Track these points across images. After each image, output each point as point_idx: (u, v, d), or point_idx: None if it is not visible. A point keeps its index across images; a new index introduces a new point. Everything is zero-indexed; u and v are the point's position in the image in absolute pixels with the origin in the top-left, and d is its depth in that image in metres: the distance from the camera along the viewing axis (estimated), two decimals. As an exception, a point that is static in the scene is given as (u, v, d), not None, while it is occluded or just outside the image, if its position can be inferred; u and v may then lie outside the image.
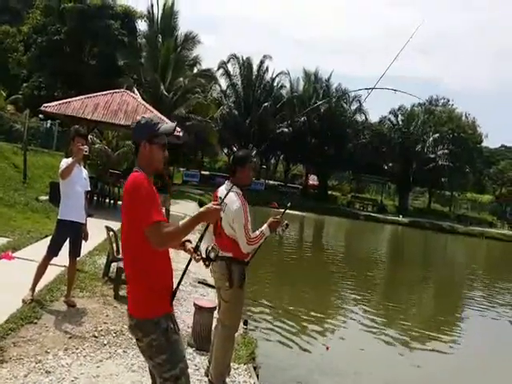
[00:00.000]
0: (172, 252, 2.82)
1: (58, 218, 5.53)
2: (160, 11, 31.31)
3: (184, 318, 5.85)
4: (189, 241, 2.85)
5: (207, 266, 2.98)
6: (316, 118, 40.78)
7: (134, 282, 2.66)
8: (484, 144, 50.82)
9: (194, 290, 7.45)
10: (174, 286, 2.71)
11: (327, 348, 6.76)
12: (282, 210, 4.32)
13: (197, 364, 4.65)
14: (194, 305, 5.28)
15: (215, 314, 4.79)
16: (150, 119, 2.69)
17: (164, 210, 10.38)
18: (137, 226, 2.48)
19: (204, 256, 2.87)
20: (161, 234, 2.43)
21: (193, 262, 2.84)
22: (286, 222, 4.14)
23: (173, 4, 31.29)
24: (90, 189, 5.96)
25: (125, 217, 2.57)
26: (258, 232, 3.99)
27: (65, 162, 5.42)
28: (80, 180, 5.57)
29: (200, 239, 2.84)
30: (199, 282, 7.88)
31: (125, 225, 2.59)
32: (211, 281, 6.99)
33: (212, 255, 2.87)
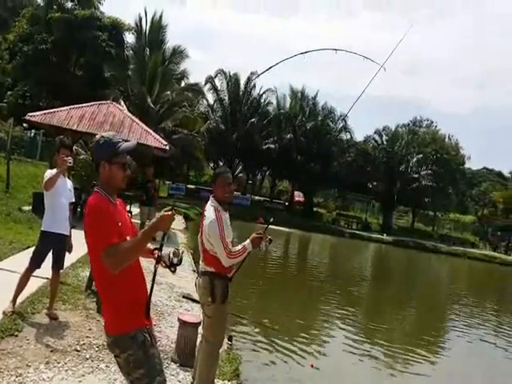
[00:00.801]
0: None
1: (42, 229, 5.45)
2: (148, 24, 31.46)
3: (168, 332, 5.77)
4: (158, 248, 2.79)
5: (173, 272, 2.95)
6: (302, 135, 41.06)
7: (104, 299, 2.65)
8: (467, 165, 51.67)
9: (179, 304, 7.37)
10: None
11: (311, 365, 6.74)
12: (266, 226, 4.33)
13: (180, 380, 4.58)
14: (179, 320, 5.22)
15: (200, 329, 4.74)
16: (109, 138, 2.63)
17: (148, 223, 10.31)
18: (94, 250, 2.48)
19: (168, 262, 2.83)
20: (113, 257, 2.38)
21: (178, 276, 2.81)
22: (269, 237, 4.14)
23: (161, 17, 31.48)
24: (74, 200, 5.90)
25: (87, 240, 2.54)
26: (240, 246, 3.98)
27: (49, 172, 5.35)
28: (65, 191, 5.51)
29: (160, 249, 2.77)
30: (184, 297, 7.80)
31: (89, 247, 2.57)
32: (196, 296, 6.93)
33: (175, 260, 2.84)
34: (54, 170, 5.31)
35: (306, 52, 5.15)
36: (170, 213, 2.48)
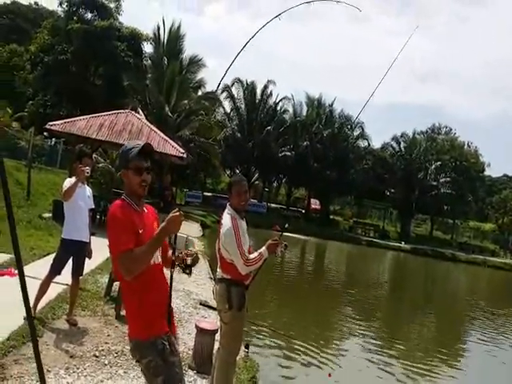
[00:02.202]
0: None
1: (62, 237, 5.53)
2: (166, 34, 31.84)
3: (185, 339, 5.80)
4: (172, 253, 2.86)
5: (189, 275, 3.01)
6: (319, 143, 41.00)
7: (127, 304, 2.70)
8: (486, 173, 51.10)
9: (196, 311, 7.40)
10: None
11: (329, 375, 6.68)
12: (280, 233, 4.36)
13: (198, 387, 4.59)
14: (196, 327, 5.24)
15: (217, 336, 4.75)
16: (125, 146, 2.71)
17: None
18: (114, 255, 2.54)
19: (183, 265, 2.89)
20: (125, 264, 2.43)
21: (195, 283, 2.85)
22: (284, 243, 4.17)
23: (179, 27, 31.86)
24: (94, 206, 5.97)
25: (109, 245, 2.61)
26: (256, 254, 4.00)
27: (67, 182, 5.44)
28: (84, 199, 5.59)
29: (172, 252, 2.83)
30: (201, 304, 7.83)
31: (110, 252, 2.62)
32: (213, 303, 6.95)
33: (189, 261, 2.89)
34: (73, 179, 5.40)
35: (309, 1, 5.14)
36: (177, 213, 2.51)
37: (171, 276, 2.74)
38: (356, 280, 19.56)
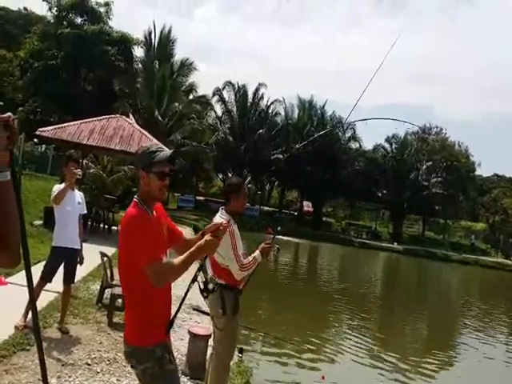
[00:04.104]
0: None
1: (53, 244, 5.50)
2: (157, 38, 31.84)
3: (178, 345, 5.77)
4: (198, 269, 2.86)
5: (205, 298, 2.99)
6: (310, 145, 41.04)
7: (130, 309, 2.67)
8: (477, 172, 51.34)
9: (189, 316, 7.37)
10: (173, 314, 2.70)
11: (322, 377, 6.69)
12: (273, 236, 4.35)
13: (191, 393, 4.57)
14: (189, 332, 5.22)
15: (210, 341, 4.74)
16: (148, 148, 2.66)
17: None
18: (133, 263, 2.48)
19: (202, 287, 2.87)
20: (161, 273, 2.43)
21: (186, 288, 2.83)
22: (277, 246, 4.18)
23: (170, 31, 31.85)
24: (86, 211, 5.93)
25: (122, 251, 2.55)
26: (250, 258, 3.98)
27: (57, 187, 5.43)
28: (74, 205, 5.55)
29: (201, 269, 2.83)
30: (194, 309, 7.80)
31: (121, 258, 2.58)
32: (206, 308, 6.93)
33: (210, 286, 2.87)
34: (63, 185, 5.38)
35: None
36: (216, 238, 2.51)
37: (188, 289, 2.77)
38: (349, 282, 19.60)
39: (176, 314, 2.72)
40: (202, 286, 2.87)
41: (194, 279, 2.79)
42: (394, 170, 43.87)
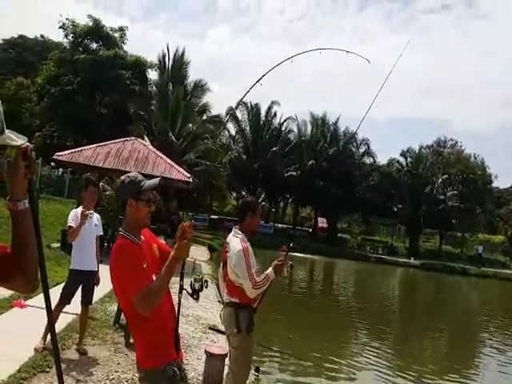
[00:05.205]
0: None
1: (71, 267, 5.60)
2: (171, 60, 32.32)
3: (195, 365, 5.81)
4: (180, 278, 2.86)
5: (196, 300, 3.03)
6: (324, 161, 41.10)
7: (135, 334, 2.74)
8: (494, 184, 50.81)
9: (205, 336, 7.40)
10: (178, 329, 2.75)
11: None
12: (285, 253, 4.34)
13: (208, 413, 4.59)
14: (205, 352, 5.25)
15: (227, 360, 4.77)
16: (135, 177, 2.76)
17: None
18: (125, 294, 2.56)
19: (190, 291, 2.93)
20: (144, 301, 2.45)
21: (203, 307, 2.89)
22: (290, 262, 4.18)
23: (183, 54, 32.34)
24: (102, 233, 6.04)
25: (113, 282, 2.63)
26: (263, 276, 3.99)
27: (73, 214, 5.52)
28: (91, 227, 5.65)
29: (181, 278, 2.84)
30: (210, 328, 7.83)
31: (115, 289, 2.67)
32: (222, 327, 6.96)
33: (197, 286, 2.92)
34: (79, 209, 5.49)
35: (292, 56, 5.38)
36: (184, 241, 2.50)
37: (179, 302, 2.79)
38: (366, 298, 19.42)
39: (176, 329, 2.75)
40: (189, 291, 2.92)
41: (181, 289, 2.83)
42: (409, 185, 43.57)
